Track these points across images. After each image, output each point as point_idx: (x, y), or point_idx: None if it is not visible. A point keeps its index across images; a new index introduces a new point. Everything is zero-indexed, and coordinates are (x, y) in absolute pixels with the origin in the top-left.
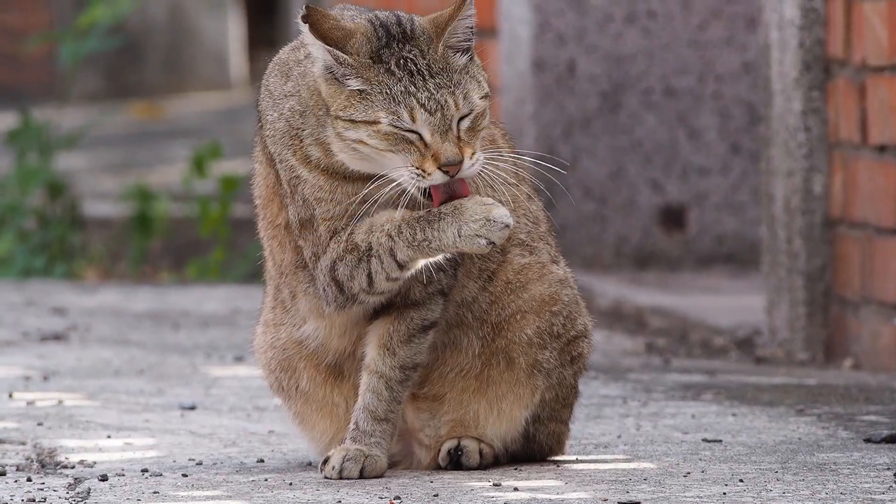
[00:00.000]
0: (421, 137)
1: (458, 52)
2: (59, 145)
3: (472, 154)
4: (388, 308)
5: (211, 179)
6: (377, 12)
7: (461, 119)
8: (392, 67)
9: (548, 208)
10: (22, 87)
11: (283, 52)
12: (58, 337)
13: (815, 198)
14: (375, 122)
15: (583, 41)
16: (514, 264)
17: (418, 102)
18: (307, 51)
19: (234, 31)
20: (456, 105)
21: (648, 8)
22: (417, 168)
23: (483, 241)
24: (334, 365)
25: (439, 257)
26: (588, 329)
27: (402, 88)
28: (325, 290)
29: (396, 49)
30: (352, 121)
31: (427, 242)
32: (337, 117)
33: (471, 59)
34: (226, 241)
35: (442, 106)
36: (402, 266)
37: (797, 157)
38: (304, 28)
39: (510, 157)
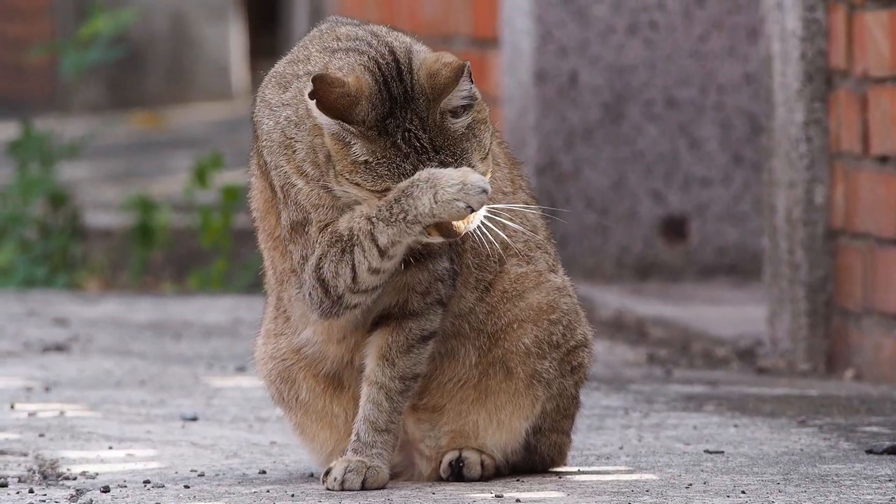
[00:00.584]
0: None
1: (457, 112)
2: (60, 155)
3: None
4: (386, 319)
5: (213, 190)
6: (375, 51)
7: None
8: (398, 142)
9: (549, 219)
10: (24, 98)
11: (280, 66)
12: (59, 347)
13: (817, 209)
14: (383, 193)
15: (585, 52)
16: (510, 274)
17: None
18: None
19: (235, 42)
20: None
21: (650, 19)
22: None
23: (461, 205)
24: (333, 375)
25: (417, 232)
26: (588, 338)
27: (410, 167)
28: (310, 294)
29: (400, 118)
30: (357, 184)
31: (403, 214)
32: (341, 174)
33: (472, 112)
34: (227, 252)
35: None
36: (383, 252)
37: (799, 168)
38: (312, 104)
39: (508, 206)
